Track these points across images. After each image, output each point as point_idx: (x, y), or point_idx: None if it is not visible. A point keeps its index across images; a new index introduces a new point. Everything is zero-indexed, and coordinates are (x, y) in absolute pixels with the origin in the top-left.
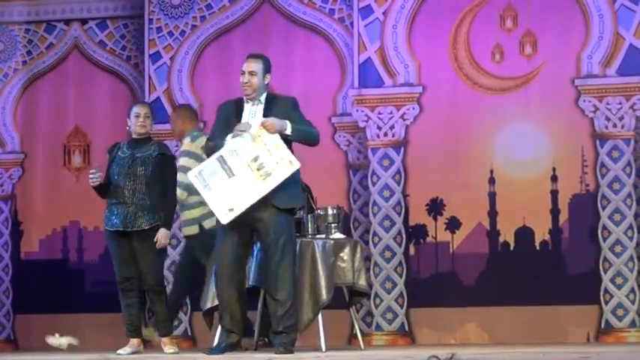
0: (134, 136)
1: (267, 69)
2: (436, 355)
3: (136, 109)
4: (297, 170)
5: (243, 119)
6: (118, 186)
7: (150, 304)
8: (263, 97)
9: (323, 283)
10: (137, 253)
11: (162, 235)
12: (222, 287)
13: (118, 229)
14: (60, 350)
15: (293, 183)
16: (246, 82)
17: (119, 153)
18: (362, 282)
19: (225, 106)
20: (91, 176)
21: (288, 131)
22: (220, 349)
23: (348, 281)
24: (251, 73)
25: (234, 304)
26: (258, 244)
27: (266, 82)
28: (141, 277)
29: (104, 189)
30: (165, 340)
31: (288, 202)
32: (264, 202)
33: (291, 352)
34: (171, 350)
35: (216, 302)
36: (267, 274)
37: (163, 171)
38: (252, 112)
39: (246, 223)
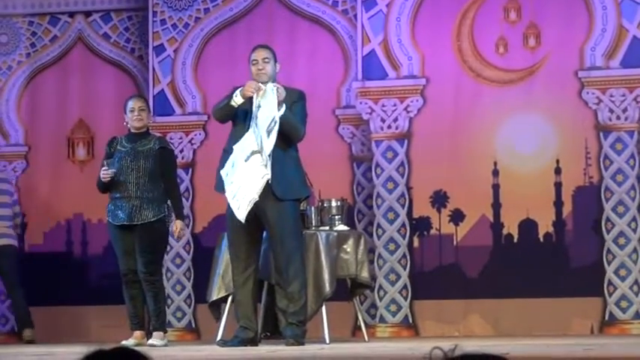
0: (132, 130)
1: (276, 58)
2: (439, 346)
3: (130, 104)
4: (299, 160)
5: (253, 107)
6: (122, 180)
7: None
8: None
9: (326, 275)
10: (137, 242)
11: (180, 227)
12: (236, 282)
13: (123, 223)
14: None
15: (296, 173)
16: (262, 69)
17: (119, 147)
18: (364, 274)
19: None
20: (103, 173)
21: (282, 111)
22: (234, 343)
23: (351, 273)
24: (264, 60)
25: (248, 299)
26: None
27: (277, 71)
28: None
29: (108, 184)
30: (155, 333)
31: (292, 193)
32: (266, 193)
33: (303, 344)
34: (157, 342)
35: (222, 294)
36: (275, 267)
37: (165, 164)
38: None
39: (252, 215)
